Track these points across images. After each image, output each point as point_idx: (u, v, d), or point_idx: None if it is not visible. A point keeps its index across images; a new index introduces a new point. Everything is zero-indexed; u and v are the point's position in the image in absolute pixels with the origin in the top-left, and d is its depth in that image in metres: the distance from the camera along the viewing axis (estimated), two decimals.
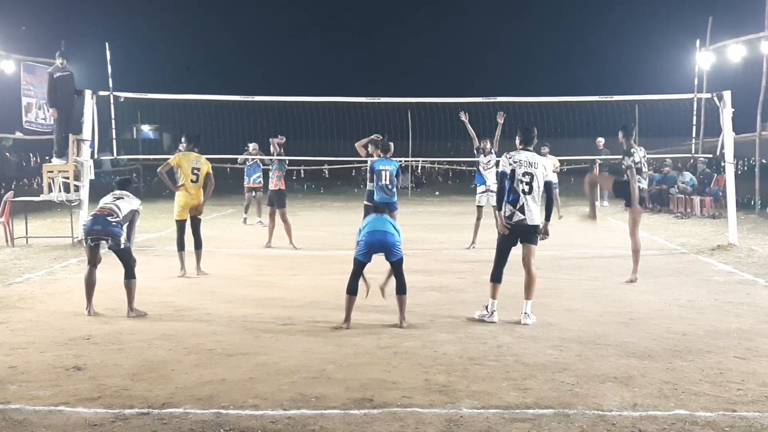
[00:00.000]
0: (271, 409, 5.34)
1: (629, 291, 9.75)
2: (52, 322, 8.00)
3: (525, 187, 8.00)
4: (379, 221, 8.05)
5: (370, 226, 7.99)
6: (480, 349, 6.91)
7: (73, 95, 14.59)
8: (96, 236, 8.41)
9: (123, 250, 8.45)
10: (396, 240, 7.94)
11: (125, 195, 8.83)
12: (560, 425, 5.04)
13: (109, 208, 8.52)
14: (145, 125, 41.71)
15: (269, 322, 8.02)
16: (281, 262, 12.43)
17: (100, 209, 8.55)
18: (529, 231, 8.06)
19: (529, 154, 8.18)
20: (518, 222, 8.02)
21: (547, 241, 8.31)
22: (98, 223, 8.38)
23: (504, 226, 8.10)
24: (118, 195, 8.80)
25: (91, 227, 8.41)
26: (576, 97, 16.67)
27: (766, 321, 8.01)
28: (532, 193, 8.02)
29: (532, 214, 8.02)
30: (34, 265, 11.80)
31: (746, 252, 12.85)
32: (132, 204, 8.74)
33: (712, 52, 20.80)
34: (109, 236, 8.37)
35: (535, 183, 8.02)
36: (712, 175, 20.36)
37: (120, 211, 8.53)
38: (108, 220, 8.38)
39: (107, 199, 8.73)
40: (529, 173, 8.02)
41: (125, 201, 8.72)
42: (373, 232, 7.91)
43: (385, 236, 7.88)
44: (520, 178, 8.02)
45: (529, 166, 8.05)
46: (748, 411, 5.30)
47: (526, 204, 8.00)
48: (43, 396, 5.65)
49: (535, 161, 8.12)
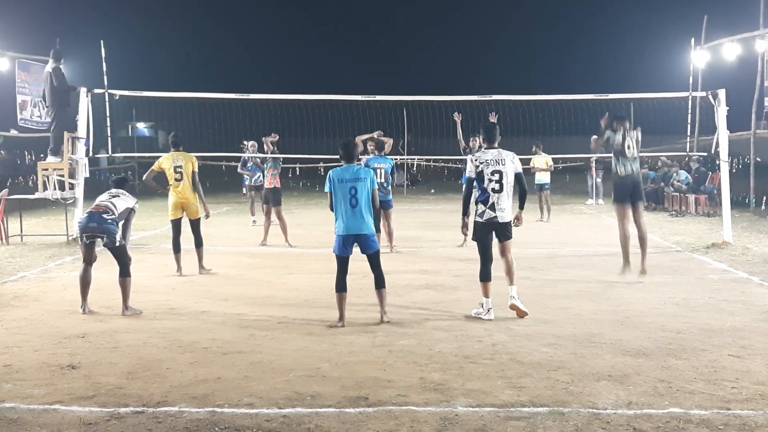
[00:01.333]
0: (266, 408, 5.34)
1: (624, 289, 9.76)
2: (46, 321, 7.99)
3: (495, 186, 8.08)
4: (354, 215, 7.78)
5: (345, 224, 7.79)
6: (475, 347, 6.92)
7: (68, 94, 14.58)
8: (91, 234, 8.39)
9: (118, 248, 8.45)
10: (371, 232, 7.85)
11: (121, 193, 8.82)
12: (555, 423, 5.04)
13: (104, 206, 8.50)
14: (140, 123, 41.67)
15: (264, 320, 8.02)
16: (276, 260, 12.42)
17: (96, 207, 8.54)
18: (502, 228, 8.21)
19: (495, 152, 8.21)
20: (489, 220, 8.15)
21: (542, 240, 8.34)
22: (94, 220, 8.37)
23: (463, 227, 8.55)
24: (114, 193, 8.80)
25: (87, 224, 8.40)
26: (571, 96, 16.69)
27: (760, 319, 8.03)
28: (503, 191, 8.10)
29: (503, 212, 8.13)
30: (28, 263, 11.79)
31: (741, 250, 12.88)
32: (128, 202, 8.74)
33: (707, 50, 20.85)
34: (105, 234, 8.36)
35: (504, 180, 8.09)
36: (706, 174, 20.41)
37: (116, 209, 8.53)
38: (104, 217, 8.37)
39: (103, 197, 8.72)
40: (498, 171, 8.08)
41: (121, 199, 8.71)
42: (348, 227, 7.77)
43: (360, 228, 7.78)
44: (489, 177, 8.09)
45: (496, 164, 8.10)
46: (742, 409, 5.30)
47: (497, 202, 8.10)
48: (38, 394, 5.64)
49: (502, 158, 8.15)
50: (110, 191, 8.87)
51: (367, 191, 7.80)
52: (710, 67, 21.11)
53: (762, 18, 18.57)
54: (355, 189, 7.75)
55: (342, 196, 7.77)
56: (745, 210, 18.79)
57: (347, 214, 7.76)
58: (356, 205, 7.75)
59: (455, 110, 14.40)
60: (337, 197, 7.81)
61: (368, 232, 7.84)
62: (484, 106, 15.78)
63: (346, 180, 7.78)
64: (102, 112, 14.79)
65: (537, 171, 19.20)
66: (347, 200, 7.75)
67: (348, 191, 7.75)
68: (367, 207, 7.81)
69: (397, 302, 8.93)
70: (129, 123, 39.13)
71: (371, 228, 7.90)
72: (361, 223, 7.78)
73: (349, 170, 7.85)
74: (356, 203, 7.75)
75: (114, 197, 8.71)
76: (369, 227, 7.85)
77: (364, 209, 7.79)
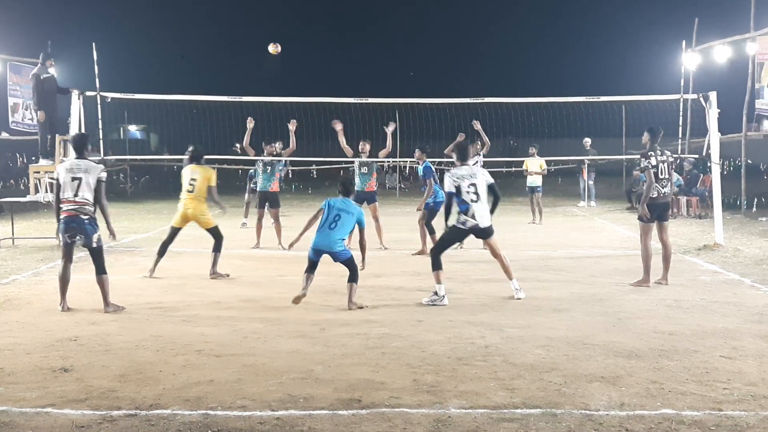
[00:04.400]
0: (259, 410, 5.34)
1: (616, 291, 9.79)
2: (38, 324, 7.96)
3: (473, 197, 9.14)
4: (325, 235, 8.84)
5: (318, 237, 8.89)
6: (468, 349, 6.93)
7: (56, 96, 14.55)
8: (72, 233, 8.51)
9: (95, 248, 8.56)
10: (341, 249, 8.86)
11: (84, 168, 8.56)
12: (548, 425, 5.06)
13: (76, 210, 8.46)
14: (132, 125, 41.55)
15: (257, 322, 8.01)
16: (269, 262, 12.41)
17: (73, 212, 8.46)
18: (483, 232, 9.26)
19: (468, 168, 9.33)
20: (472, 227, 9.17)
21: (534, 242, 8.44)
22: (74, 221, 8.48)
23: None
24: (77, 174, 8.50)
25: (68, 225, 8.50)
26: (562, 98, 16.72)
27: (752, 320, 8.06)
28: (479, 200, 9.16)
29: (482, 218, 9.16)
30: (20, 266, 11.74)
31: (732, 252, 12.93)
32: (94, 173, 8.55)
33: (699, 53, 20.93)
34: (83, 234, 8.50)
35: (480, 190, 9.17)
36: (698, 176, 20.49)
37: (89, 203, 8.49)
38: (81, 218, 8.47)
39: (69, 186, 8.46)
40: (473, 184, 9.16)
41: (88, 176, 8.51)
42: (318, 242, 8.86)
43: (331, 247, 8.83)
44: (467, 190, 9.14)
45: (471, 178, 9.20)
46: (734, 410, 5.33)
47: (476, 211, 9.13)
48: (30, 397, 5.62)
49: (474, 173, 9.30)
50: (71, 169, 8.57)
51: (350, 224, 8.92)
52: (701, 69, 21.19)
53: (753, 21, 18.66)
54: (339, 216, 8.85)
55: (326, 217, 8.90)
56: (736, 212, 18.86)
57: (324, 233, 8.84)
58: (334, 228, 8.82)
59: (451, 111, 14.46)
60: (323, 217, 8.96)
61: (338, 250, 8.84)
62: (476, 108, 15.82)
63: (335, 208, 8.94)
64: (94, 114, 14.74)
65: (530, 174, 19.23)
66: (328, 222, 8.85)
67: (333, 217, 8.85)
68: (341, 234, 8.86)
69: (390, 305, 8.95)
70: (121, 125, 39.04)
71: (341, 246, 8.88)
72: (333, 243, 8.81)
73: (344, 203, 9.02)
74: (334, 227, 8.82)
75: (78, 182, 8.47)
76: (340, 246, 8.86)
77: (339, 234, 8.84)
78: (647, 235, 10.23)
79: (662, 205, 10.21)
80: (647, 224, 10.23)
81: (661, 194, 10.14)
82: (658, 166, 10.11)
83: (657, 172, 10.11)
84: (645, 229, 10.26)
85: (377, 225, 13.87)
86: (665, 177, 10.16)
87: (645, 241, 10.22)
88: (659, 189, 10.12)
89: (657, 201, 10.13)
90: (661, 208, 10.22)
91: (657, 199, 10.13)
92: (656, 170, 10.10)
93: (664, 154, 10.23)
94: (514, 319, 8.16)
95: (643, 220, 10.26)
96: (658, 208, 10.19)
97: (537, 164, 19.21)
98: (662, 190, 10.14)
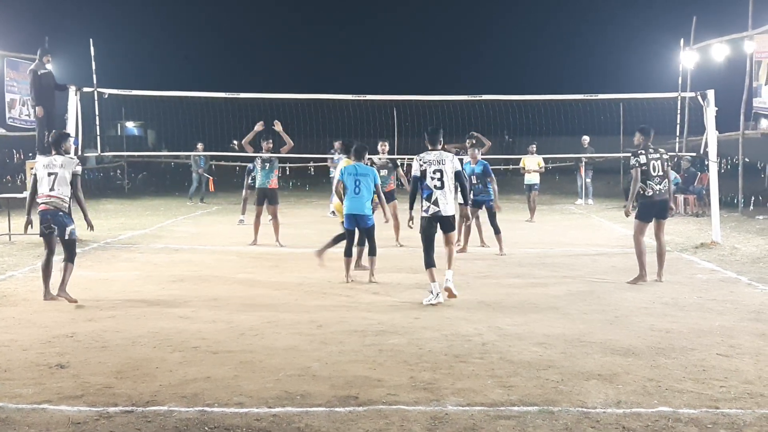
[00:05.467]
0: (256, 407, 5.33)
1: (613, 289, 9.79)
2: (35, 320, 7.95)
3: (437, 183, 8.95)
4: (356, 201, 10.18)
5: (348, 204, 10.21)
6: (465, 346, 6.92)
7: (53, 92, 14.51)
8: (47, 224, 8.88)
9: (69, 240, 8.94)
10: (369, 213, 10.19)
11: (59, 163, 8.90)
12: (545, 422, 5.05)
13: (54, 204, 8.82)
14: (129, 122, 41.48)
15: (254, 319, 8.00)
16: (266, 259, 12.40)
17: (48, 206, 8.81)
18: (445, 221, 9.04)
19: (437, 153, 9.08)
20: (434, 214, 8.98)
21: (532, 240, 8.44)
22: (49, 214, 8.86)
23: (409, 220, 9.31)
24: (52, 169, 8.87)
25: (43, 217, 8.88)
26: (561, 96, 16.72)
27: (748, 319, 8.07)
28: (444, 188, 8.96)
29: (446, 205, 8.98)
30: (17, 262, 11.72)
31: (729, 250, 12.93)
32: (69, 168, 8.91)
33: (696, 51, 20.94)
34: (57, 226, 8.87)
35: (445, 178, 8.95)
36: (695, 174, 20.48)
37: (65, 198, 8.85)
38: (57, 213, 8.85)
39: (44, 181, 8.83)
40: (438, 170, 8.96)
41: (64, 170, 8.86)
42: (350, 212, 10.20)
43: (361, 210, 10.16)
44: (431, 175, 8.96)
45: (438, 164, 8.98)
46: (730, 408, 5.33)
47: (439, 197, 8.96)
48: (26, 394, 5.61)
49: (443, 158, 9.03)
50: (48, 165, 8.91)
51: (371, 185, 10.22)
52: (699, 67, 21.19)
53: (751, 19, 18.65)
54: (359, 181, 10.13)
55: (349, 185, 10.17)
56: (733, 210, 18.87)
57: (351, 198, 10.13)
58: (359, 193, 10.12)
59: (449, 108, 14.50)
60: (346, 186, 10.20)
61: (364, 213, 10.14)
62: (473, 105, 15.81)
63: (354, 175, 10.17)
64: (91, 110, 14.72)
65: (528, 172, 19.23)
66: (352, 189, 10.14)
67: (354, 182, 10.13)
68: (367, 195, 10.15)
69: (387, 302, 8.95)
70: (118, 122, 38.95)
71: (369, 210, 10.19)
72: (362, 206, 10.12)
73: (357, 168, 10.26)
74: (359, 192, 10.12)
75: (55, 177, 8.83)
76: (368, 209, 10.17)
77: (365, 197, 10.13)
78: (641, 233, 10.24)
79: (660, 203, 10.15)
80: (643, 223, 10.22)
81: (656, 192, 10.08)
82: (650, 164, 10.08)
83: (649, 170, 10.07)
84: (640, 227, 10.26)
85: (396, 223, 13.70)
86: (659, 174, 10.12)
87: (638, 238, 10.25)
88: (653, 187, 10.08)
89: (653, 199, 10.09)
90: (659, 206, 10.17)
91: (653, 198, 10.09)
92: (647, 168, 10.07)
93: (657, 152, 10.22)
94: (511, 316, 8.16)
95: (636, 218, 10.29)
96: (656, 206, 10.15)
97: (535, 162, 19.21)
98: (656, 187, 10.08)
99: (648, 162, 10.08)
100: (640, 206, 10.24)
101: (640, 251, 10.20)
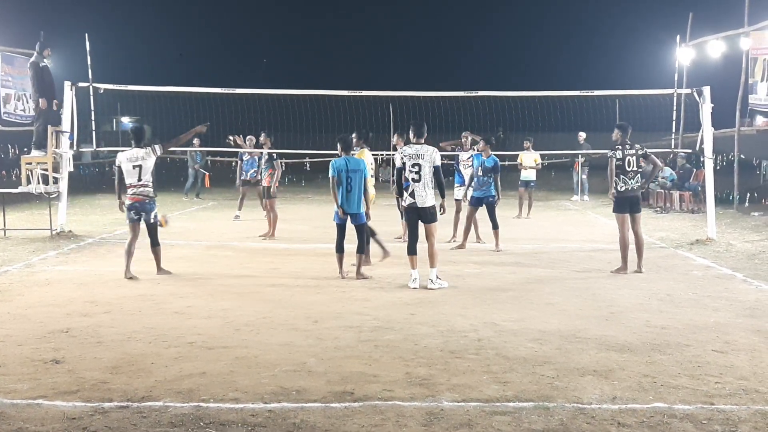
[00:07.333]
0: (251, 403, 5.33)
1: (609, 285, 9.80)
2: (30, 315, 7.93)
3: (414, 176, 9.36)
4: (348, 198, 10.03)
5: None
6: (461, 342, 6.93)
7: (53, 84, 14.47)
8: (136, 211, 10.15)
9: (152, 224, 10.29)
10: (360, 211, 10.10)
11: (142, 156, 10.08)
12: (540, 418, 5.06)
13: (143, 194, 10.12)
14: (124, 117, 41.36)
15: (249, 315, 7.99)
16: (262, 255, 12.39)
17: (139, 196, 10.09)
18: (422, 212, 9.42)
19: (417, 147, 9.48)
20: (410, 205, 9.44)
21: (528, 236, 8.43)
22: (137, 203, 10.12)
23: (400, 207, 9.83)
24: (136, 162, 10.06)
25: (133, 206, 10.15)
26: (556, 92, 16.73)
27: (743, 315, 8.08)
28: (421, 180, 9.34)
29: (422, 198, 9.36)
30: (12, 257, 11.70)
31: (724, 246, 12.96)
32: (152, 157, 10.17)
33: (692, 47, 20.90)
34: (144, 212, 10.19)
35: (423, 171, 9.34)
36: (691, 170, 20.51)
37: (150, 185, 10.19)
38: (144, 202, 10.17)
39: (131, 173, 10.05)
40: (417, 164, 9.35)
41: (147, 162, 10.10)
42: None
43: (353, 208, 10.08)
44: (410, 168, 9.40)
45: (416, 158, 9.37)
46: (725, 404, 5.34)
47: (416, 190, 9.36)
48: (21, 389, 5.60)
49: (422, 153, 9.40)
50: (131, 158, 10.09)
51: (361, 180, 10.04)
52: (695, 64, 21.14)
53: (747, 16, 18.64)
54: (351, 178, 9.96)
55: (340, 181, 9.98)
56: (728, 207, 18.88)
57: (344, 196, 9.98)
58: (351, 190, 9.99)
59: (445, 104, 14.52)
60: (338, 181, 10.02)
61: (358, 212, 10.07)
62: (469, 101, 15.81)
63: (344, 171, 9.97)
64: (87, 105, 14.68)
65: (524, 168, 19.20)
66: (344, 186, 9.99)
67: (345, 179, 9.96)
68: (359, 193, 10.01)
69: (384, 298, 8.94)
70: (114, 117, 38.89)
71: (361, 209, 10.10)
72: (354, 204, 10.03)
73: (346, 162, 10.02)
74: (351, 189, 9.99)
75: (140, 169, 10.05)
76: (360, 208, 10.09)
77: (357, 194, 10.00)
78: (623, 226, 10.62)
79: (632, 199, 10.59)
80: (620, 215, 10.63)
81: (628, 188, 10.51)
82: (625, 159, 10.51)
83: (624, 165, 10.50)
84: (619, 220, 10.69)
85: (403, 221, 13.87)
86: (633, 169, 10.53)
87: (621, 231, 10.63)
88: (627, 182, 10.49)
89: (626, 195, 10.54)
90: (631, 201, 10.60)
91: (625, 193, 10.53)
92: (622, 163, 10.49)
93: (633, 148, 10.61)
94: (507, 312, 8.17)
95: (614, 212, 10.75)
96: (628, 201, 10.58)
97: (531, 158, 19.17)
98: (630, 182, 10.51)
99: (624, 158, 10.52)
100: (615, 201, 10.67)
101: (623, 244, 10.59)
